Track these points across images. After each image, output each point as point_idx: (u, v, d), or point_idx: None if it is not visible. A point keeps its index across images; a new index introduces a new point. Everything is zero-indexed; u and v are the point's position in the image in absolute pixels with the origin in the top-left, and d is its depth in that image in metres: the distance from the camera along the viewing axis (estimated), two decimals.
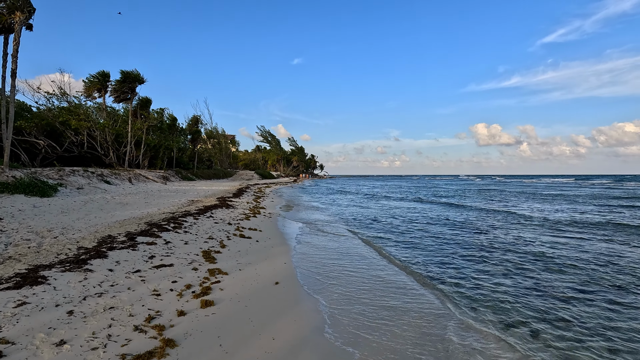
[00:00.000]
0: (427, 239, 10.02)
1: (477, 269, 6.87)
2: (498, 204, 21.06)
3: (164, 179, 30.30)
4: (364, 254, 7.86)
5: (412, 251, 8.45)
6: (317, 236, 9.94)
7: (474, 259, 7.62)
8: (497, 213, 16.21)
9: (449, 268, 6.91)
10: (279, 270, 6.12)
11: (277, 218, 13.09)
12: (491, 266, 7.06)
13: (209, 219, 10.63)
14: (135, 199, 14.54)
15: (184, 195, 18.71)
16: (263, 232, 9.71)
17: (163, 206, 12.93)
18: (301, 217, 14.12)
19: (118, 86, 26.42)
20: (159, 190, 20.56)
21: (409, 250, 8.59)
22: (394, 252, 8.31)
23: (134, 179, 24.87)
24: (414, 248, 8.79)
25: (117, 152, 28.98)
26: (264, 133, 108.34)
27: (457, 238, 10.12)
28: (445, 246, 9.02)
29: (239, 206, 15.39)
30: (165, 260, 5.88)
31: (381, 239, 9.87)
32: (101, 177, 19.85)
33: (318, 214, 15.59)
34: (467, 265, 7.11)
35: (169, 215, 10.49)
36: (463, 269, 6.82)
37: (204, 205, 14.08)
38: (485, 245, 9.13)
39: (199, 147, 51.13)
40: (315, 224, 12.30)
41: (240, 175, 60.96)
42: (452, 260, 7.57)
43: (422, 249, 8.65)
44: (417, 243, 9.39)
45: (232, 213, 12.72)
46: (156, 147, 32.70)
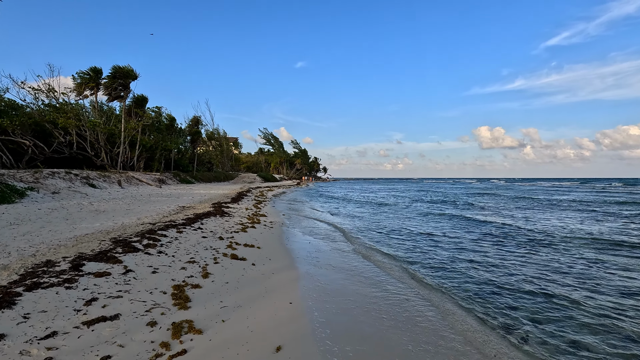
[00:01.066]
0: (475, 266, 7.96)
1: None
2: (531, 217, 18.91)
3: (159, 181, 28.45)
4: (401, 288, 5.82)
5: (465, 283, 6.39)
6: (333, 254, 7.91)
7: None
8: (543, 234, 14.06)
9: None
10: (282, 319, 4.10)
11: (281, 228, 11.07)
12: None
13: (195, 232, 8.63)
14: (116, 206, 12.60)
15: (177, 200, 16.77)
16: (262, 250, 7.69)
17: (146, 214, 10.97)
18: (309, 228, 12.09)
19: (109, 82, 24.61)
20: (150, 194, 18.64)
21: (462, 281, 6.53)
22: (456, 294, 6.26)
23: (125, 181, 23.02)
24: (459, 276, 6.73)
25: (110, 153, 27.18)
26: (266, 135, 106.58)
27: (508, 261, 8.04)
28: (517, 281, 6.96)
29: (236, 213, 13.40)
30: (111, 306, 3.88)
31: (416, 263, 7.83)
32: (86, 180, 18.00)
33: (329, 223, 13.55)
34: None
35: (147, 227, 8.51)
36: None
37: (194, 213, 12.11)
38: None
39: (199, 149, 49.38)
40: (327, 237, 10.26)
41: (242, 178, 59.10)
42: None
43: (468, 278, 6.59)
44: (460, 269, 7.33)
45: (226, 223, 10.72)
46: (152, 148, 30.86)
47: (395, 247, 9.21)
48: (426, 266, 7.33)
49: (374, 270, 6.74)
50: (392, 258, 8.05)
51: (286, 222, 12.71)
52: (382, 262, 7.56)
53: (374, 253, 8.52)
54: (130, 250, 6.14)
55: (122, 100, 25.91)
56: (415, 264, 7.54)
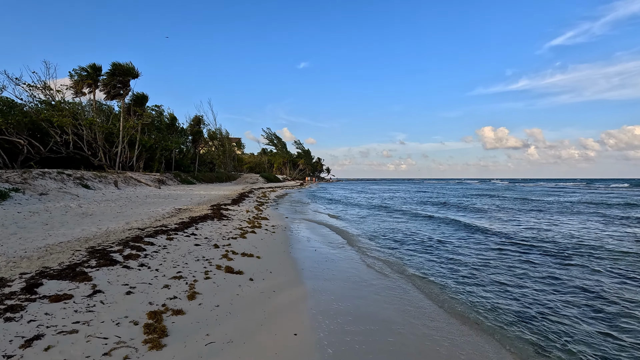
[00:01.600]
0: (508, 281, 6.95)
1: None
2: (561, 223, 17.81)
3: (159, 182, 27.63)
4: (426, 306, 4.83)
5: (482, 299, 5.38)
6: (342, 265, 6.93)
7: None
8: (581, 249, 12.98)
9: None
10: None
11: (283, 234, 10.11)
12: None
13: (188, 239, 7.69)
14: (107, 208, 11.72)
15: (174, 202, 15.88)
16: (262, 260, 6.73)
17: (137, 218, 10.06)
18: (315, 233, 11.11)
19: (108, 80, 23.82)
20: (147, 196, 17.78)
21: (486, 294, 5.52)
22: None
23: (123, 182, 22.20)
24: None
25: (109, 153, 26.41)
26: (269, 135, 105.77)
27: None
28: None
29: (235, 216, 12.46)
30: (57, 348, 2.93)
31: (439, 276, 6.84)
32: (80, 181, 17.17)
33: (335, 228, 12.57)
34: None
35: (134, 234, 7.59)
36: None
37: (190, 216, 11.18)
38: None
39: (200, 149, 48.66)
40: (335, 244, 9.28)
41: (245, 178, 58.30)
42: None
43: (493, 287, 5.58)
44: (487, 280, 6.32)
45: (224, 228, 9.77)
46: (152, 147, 30.07)
47: (411, 257, 8.21)
48: (458, 283, 6.33)
49: (392, 286, 5.75)
50: (409, 271, 7.05)
51: (289, 226, 11.74)
52: (398, 276, 6.57)
53: (389, 264, 7.53)
54: (106, 264, 5.20)
55: (121, 99, 25.12)
56: (439, 279, 6.53)
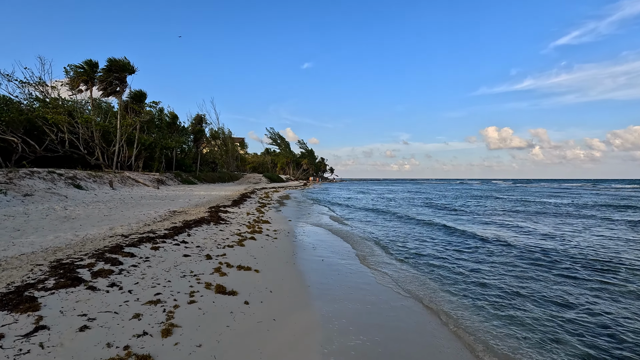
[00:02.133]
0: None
1: None
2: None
3: (158, 182, 26.74)
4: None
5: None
6: (355, 279, 5.87)
7: None
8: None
9: None
10: None
11: (287, 240, 9.07)
12: None
13: (177, 248, 6.67)
14: (94, 211, 10.75)
15: (170, 203, 14.91)
16: (262, 275, 5.70)
17: (125, 222, 9.08)
18: (321, 238, 10.05)
19: (104, 76, 22.93)
20: (142, 196, 16.84)
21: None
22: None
23: (119, 182, 21.31)
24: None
25: (107, 151, 25.55)
26: (273, 135, 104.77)
27: None
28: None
29: (234, 220, 11.45)
30: None
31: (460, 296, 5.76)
32: (72, 181, 16.27)
33: (343, 234, 11.50)
34: None
35: (115, 242, 6.58)
36: None
37: (184, 220, 10.18)
38: None
39: (203, 148, 47.82)
40: (344, 252, 8.21)
41: (247, 178, 57.42)
42: None
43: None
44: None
45: (220, 233, 8.75)
46: (152, 146, 29.19)
47: (430, 271, 7.13)
48: (494, 311, 5.25)
49: (415, 309, 4.69)
50: (431, 291, 5.98)
51: (293, 231, 10.70)
52: (419, 295, 5.50)
53: (406, 280, 6.46)
54: (66, 284, 4.19)
55: (118, 96, 24.23)
56: (463, 299, 5.45)
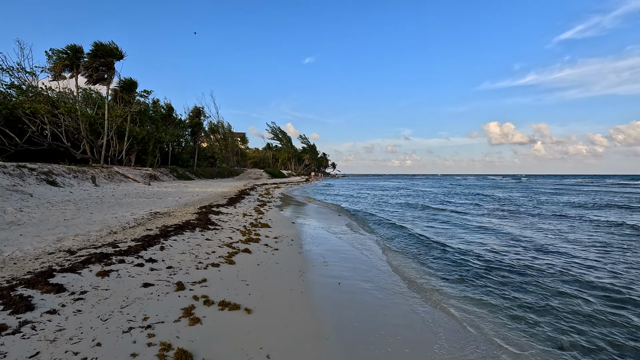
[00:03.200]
0: None
1: None
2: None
3: (150, 178, 24.84)
4: None
5: None
6: (396, 315, 3.93)
7: None
8: None
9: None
10: None
11: (290, 250, 7.12)
12: None
13: (138, 270, 4.72)
14: (57, 213, 8.84)
15: (156, 202, 13.00)
16: (255, 316, 3.74)
17: (85, 229, 7.16)
18: (334, 247, 8.08)
19: (90, 61, 20.90)
20: (126, 194, 14.93)
21: None
22: None
23: (106, 178, 19.41)
24: None
25: (94, 145, 23.63)
26: (274, 130, 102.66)
27: None
28: None
29: (227, 223, 9.50)
30: None
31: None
32: (46, 176, 14.36)
33: (359, 236, 9.53)
34: None
35: (50, 262, 4.66)
36: None
37: (164, 225, 8.24)
38: None
39: (203, 143, 45.83)
40: (366, 266, 6.24)
41: (248, 174, 55.49)
42: None
43: None
44: None
45: (206, 243, 6.81)
46: (145, 139, 27.26)
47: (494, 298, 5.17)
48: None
49: None
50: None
51: (297, 237, 8.74)
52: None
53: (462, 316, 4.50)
54: None
55: (106, 84, 22.22)
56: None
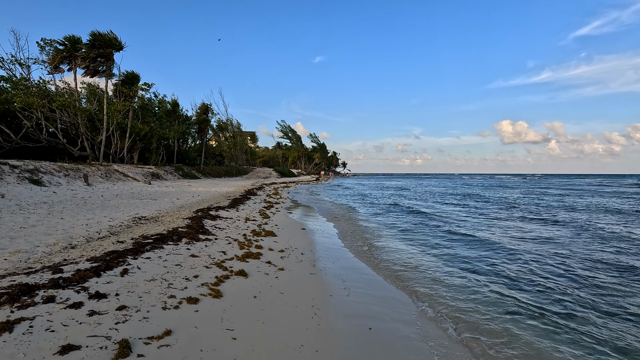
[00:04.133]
0: None
1: None
2: None
3: (152, 176, 23.49)
4: None
5: None
6: None
7: None
8: None
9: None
10: None
11: (301, 271, 5.31)
12: None
13: (68, 314, 3.03)
14: (18, 219, 7.29)
15: (149, 204, 11.44)
16: None
17: (37, 241, 5.54)
18: (352, 264, 6.24)
19: (87, 52, 19.59)
20: (119, 194, 13.44)
21: None
22: None
23: (103, 176, 18.06)
24: None
25: (94, 141, 22.39)
26: (284, 128, 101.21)
27: None
28: None
29: (225, 231, 7.79)
30: None
31: None
32: (30, 174, 12.99)
33: (385, 250, 7.66)
34: None
35: None
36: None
37: (143, 234, 6.56)
38: None
39: (208, 140, 44.59)
40: (399, 300, 4.40)
41: (257, 172, 54.08)
42: None
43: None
44: None
45: (189, 262, 5.09)
46: (147, 136, 25.96)
47: None
48: None
49: None
50: None
51: (311, 250, 6.92)
52: None
53: None
54: None
55: (105, 76, 20.93)
56: None
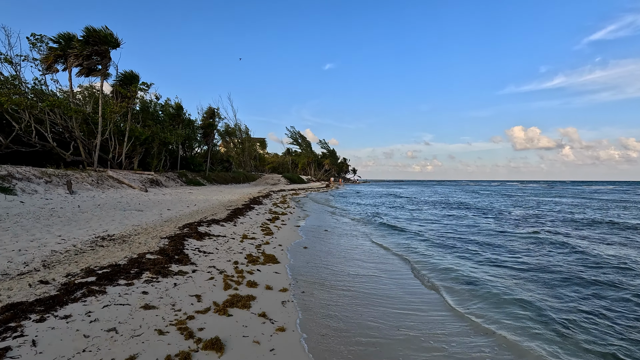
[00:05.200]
0: None
1: None
2: None
3: (151, 183, 21.88)
4: None
5: None
6: None
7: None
8: None
9: None
10: None
11: (307, 341, 3.31)
12: None
13: None
14: None
15: (134, 216, 9.60)
16: None
17: None
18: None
19: (80, 49, 18.24)
20: (102, 204, 11.68)
21: None
22: None
23: (93, 183, 16.44)
24: None
25: (90, 145, 20.96)
26: (294, 134, 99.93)
27: None
28: None
29: (211, 256, 5.81)
30: None
31: None
32: (1, 180, 11.38)
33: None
34: None
35: None
36: None
37: (88, 267, 4.63)
38: None
39: (214, 146, 43.19)
40: None
41: (265, 179, 52.40)
42: None
43: None
44: None
45: (129, 329, 3.13)
46: (148, 140, 24.48)
47: None
48: None
49: None
50: None
51: (325, 289, 4.86)
52: None
53: None
54: None
55: (99, 74, 19.56)
56: None
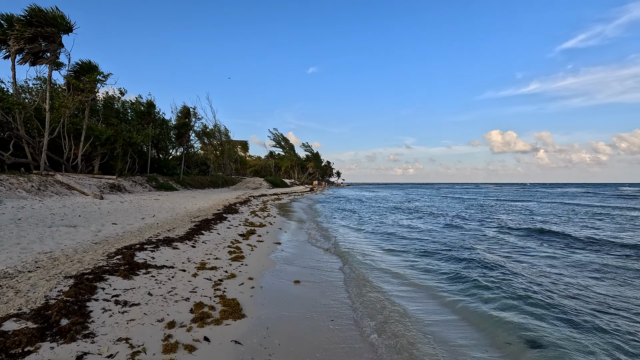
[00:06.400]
0: None
1: None
2: None
3: (112, 188, 19.13)
4: None
5: None
6: None
7: None
8: None
9: None
10: None
11: None
12: None
13: None
14: None
15: (53, 236, 7.22)
16: None
17: None
18: None
19: (21, 30, 15.40)
20: (22, 218, 9.12)
21: None
22: None
23: (32, 189, 13.72)
24: None
25: (35, 145, 18.06)
26: (276, 137, 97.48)
27: None
28: None
29: (125, 318, 3.63)
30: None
31: None
32: None
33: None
34: None
35: None
36: None
37: None
38: None
39: (201, 150, 40.32)
40: None
41: (246, 182, 49.78)
42: None
43: None
44: None
45: None
46: (110, 140, 21.68)
47: None
48: None
49: None
50: None
51: None
52: None
53: None
54: None
55: (46, 62, 16.78)
56: None
